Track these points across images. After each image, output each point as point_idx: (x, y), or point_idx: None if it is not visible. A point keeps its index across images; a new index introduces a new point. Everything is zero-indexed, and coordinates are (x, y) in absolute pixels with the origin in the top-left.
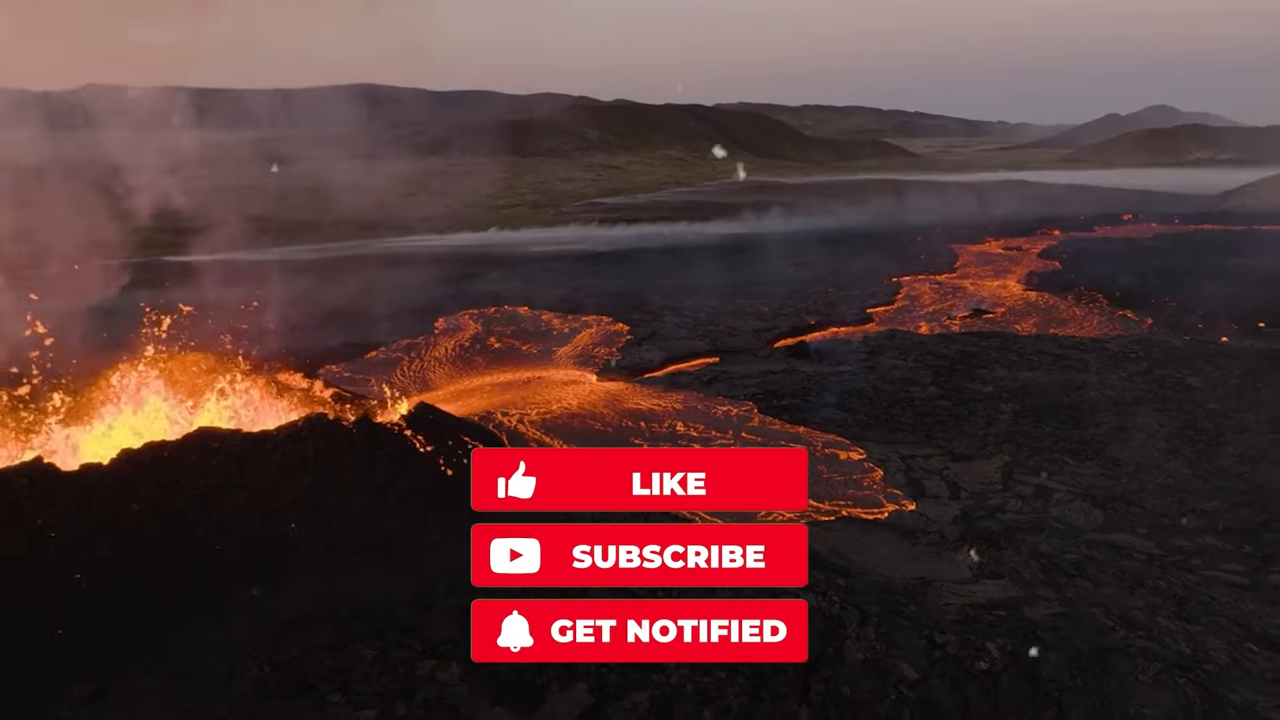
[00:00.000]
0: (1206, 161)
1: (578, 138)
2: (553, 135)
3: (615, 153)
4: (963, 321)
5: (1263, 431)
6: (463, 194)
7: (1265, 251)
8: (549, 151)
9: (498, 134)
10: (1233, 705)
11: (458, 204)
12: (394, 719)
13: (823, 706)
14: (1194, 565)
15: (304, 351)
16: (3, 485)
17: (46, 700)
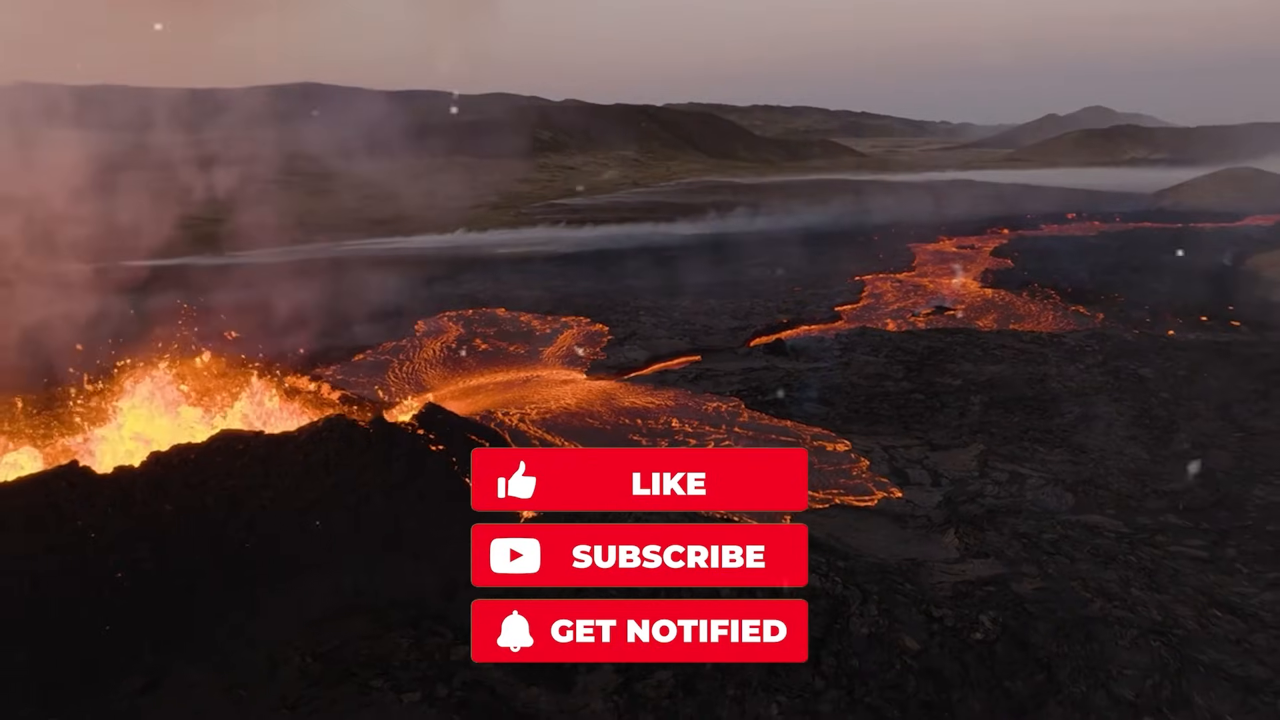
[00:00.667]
0: (1141, 161)
1: (531, 138)
2: (505, 136)
3: (569, 154)
4: (927, 318)
5: (1211, 418)
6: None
7: (1201, 248)
8: (502, 152)
9: (449, 135)
10: (1202, 665)
11: (416, 206)
12: (436, 701)
13: (835, 677)
14: (1159, 541)
15: (289, 356)
16: (43, 488)
17: (101, 693)
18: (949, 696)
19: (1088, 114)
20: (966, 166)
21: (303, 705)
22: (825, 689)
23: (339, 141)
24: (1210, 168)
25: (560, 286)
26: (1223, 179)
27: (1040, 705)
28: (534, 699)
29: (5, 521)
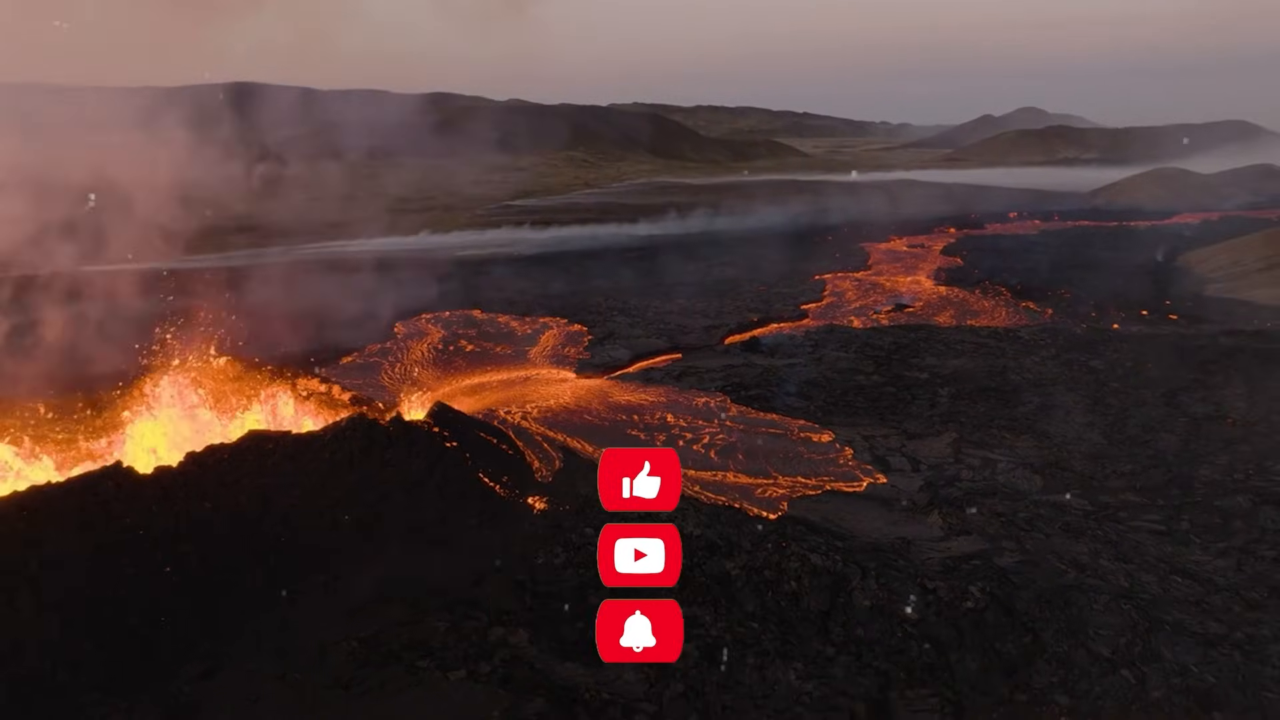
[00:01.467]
0: (1074, 160)
1: (477, 138)
2: (451, 135)
3: (517, 154)
4: (889, 315)
5: (1158, 406)
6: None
7: (1136, 246)
8: (449, 153)
9: (393, 135)
10: (1167, 624)
11: (372, 208)
12: (480, 677)
13: (843, 644)
14: (1121, 517)
15: (277, 359)
16: (92, 488)
17: (164, 679)
18: (947, 659)
19: (1022, 115)
20: (907, 166)
21: (355, 686)
22: (836, 655)
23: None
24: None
25: (531, 288)
26: (1152, 179)
27: (1029, 663)
28: (571, 674)
29: (59, 520)
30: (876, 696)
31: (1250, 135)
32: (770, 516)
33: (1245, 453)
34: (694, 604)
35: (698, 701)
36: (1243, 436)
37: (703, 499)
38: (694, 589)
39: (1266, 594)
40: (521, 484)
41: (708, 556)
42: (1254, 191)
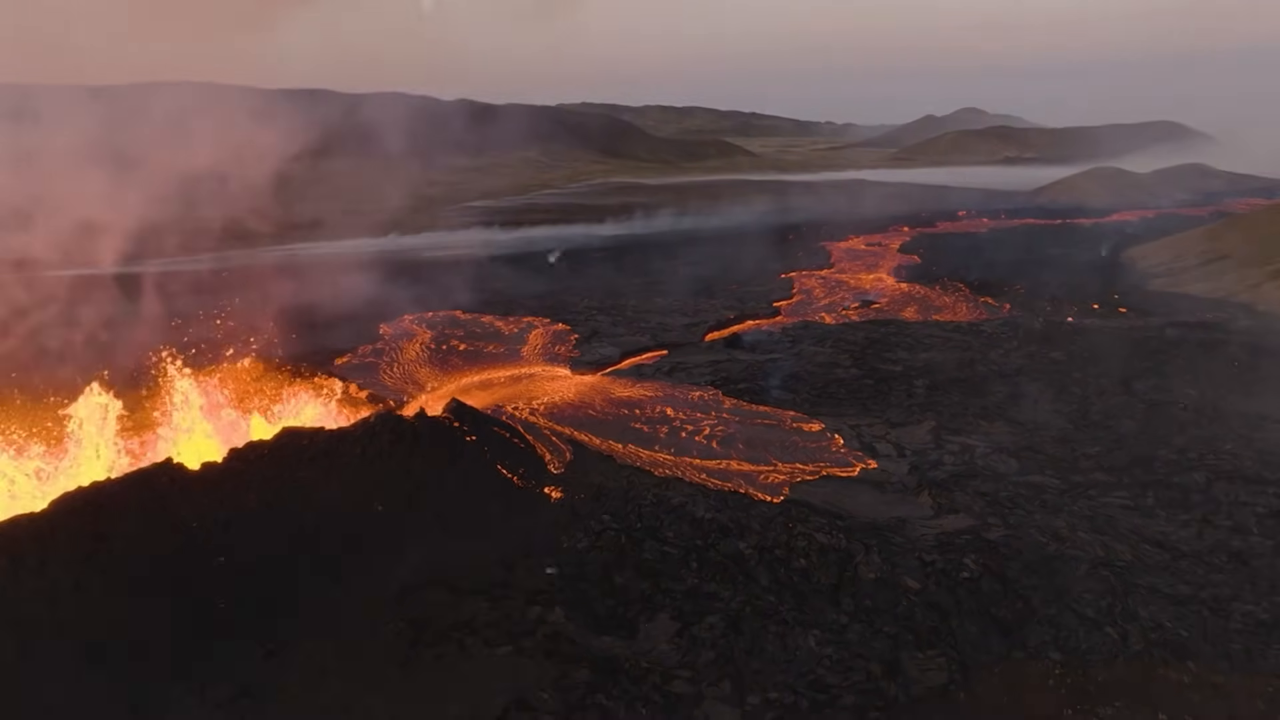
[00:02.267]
0: (1015, 159)
1: (428, 139)
2: (401, 136)
3: (472, 154)
4: (857, 312)
5: (1116, 393)
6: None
7: (1082, 242)
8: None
9: (342, 135)
10: (1141, 587)
11: (334, 209)
12: (525, 651)
13: (855, 613)
14: (1092, 494)
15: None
16: (148, 482)
17: (233, 659)
18: (949, 624)
19: (963, 115)
20: (855, 166)
21: (411, 663)
22: (849, 623)
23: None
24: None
25: (506, 288)
26: (1092, 178)
27: (1022, 626)
28: (608, 646)
29: (122, 512)
30: (889, 658)
31: (1179, 135)
32: (774, 500)
33: (1197, 435)
34: (712, 581)
35: (729, 667)
36: (1194, 420)
37: (710, 485)
38: (711, 567)
39: (1226, 559)
40: (536, 475)
41: (721, 538)
42: (1187, 189)
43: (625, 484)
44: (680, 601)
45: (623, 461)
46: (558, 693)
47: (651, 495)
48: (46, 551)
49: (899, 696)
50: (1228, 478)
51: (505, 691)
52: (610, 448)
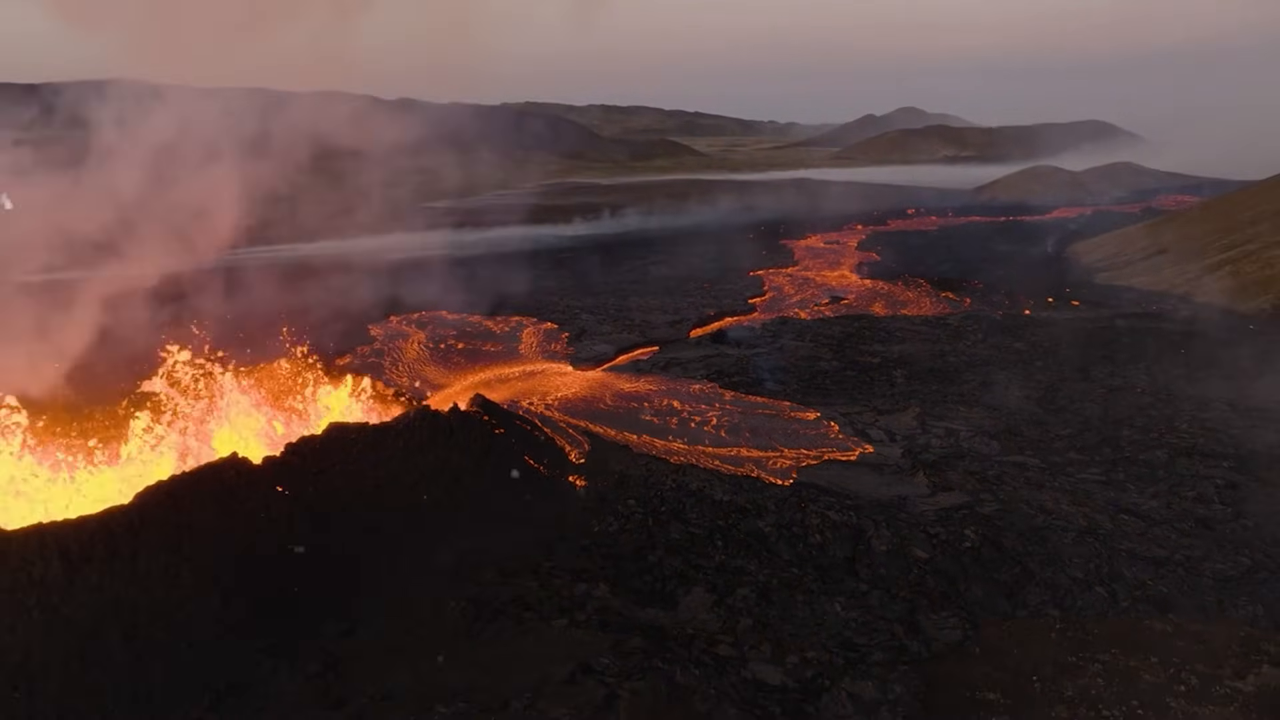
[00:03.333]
0: (954, 158)
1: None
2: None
3: (419, 155)
4: (829, 308)
5: (1077, 380)
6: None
7: (1028, 239)
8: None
9: (288, 136)
10: (1123, 551)
11: (280, 211)
12: (579, 623)
13: (874, 581)
14: (1070, 471)
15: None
16: (217, 475)
17: (312, 636)
18: (958, 588)
19: (902, 114)
20: (800, 165)
21: (476, 637)
22: (869, 590)
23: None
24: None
25: (486, 288)
26: (1030, 175)
27: (1022, 587)
28: (654, 617)
29: (200, 501)
30: (908, 619)
31: (1107, 134)
32: (785, 483)
33: (1155, 416)
34: (738, 557)
35: (766, 632)
36: (1150, 403)
37: (724, 471)
38: (735, 545)
39: (1193, 525)
40: (560, 465)
41: (741, 518)
42: (1120, 187)
43: (645, 471)
44: (712, 576)
45: (639, 451)
46: (616, 658)
47: (671, 481)
48: (139, 541)
49: (921, 652)
50: (1186, 454)
51: (567, 658)
52: (625, 438)
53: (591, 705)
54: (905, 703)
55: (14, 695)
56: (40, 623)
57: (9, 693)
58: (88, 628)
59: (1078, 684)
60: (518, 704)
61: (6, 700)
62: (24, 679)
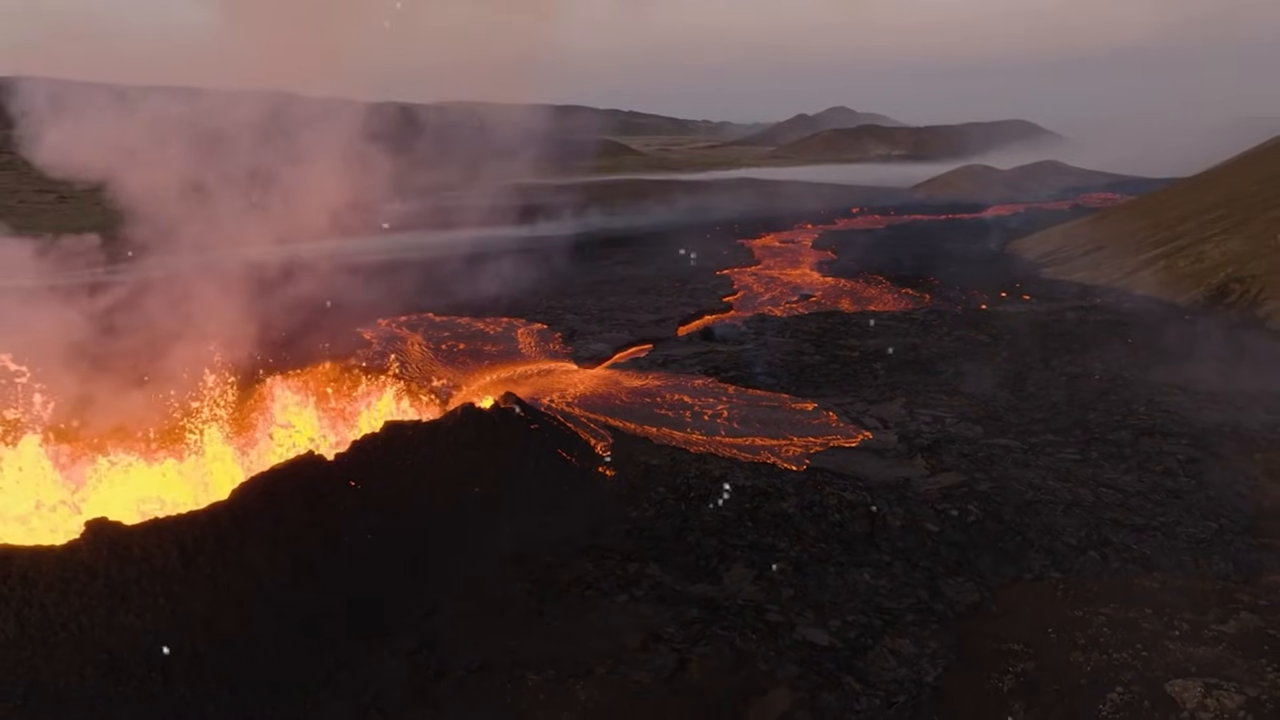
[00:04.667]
0: (885, 157)
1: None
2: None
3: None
4: (800, 305)
5: (1040, 369)
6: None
7: (971, 236)
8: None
9: (204, 137)
10: (1107, 520)
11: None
12: (637, 598)
13: (893, 553)
14: (1049, 452)
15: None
16: (298, 471)
17: (400, 618)
18: (968, 556)
19: (833, 114)
20: (736, 164)
21: (546, 614)
22: (891, 561)
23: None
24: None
25: (460, 291)
26: (964, 174)
27: (1025, 554)
28: (704, 591)
29: (290, 496)
30: (930, 585)
31: (1032, 134)
32: (799, 469)
33: (1114, 401)
34: (769, 535)
35: (808, 600)
36: (1108, 389)
37: (741, 459)
38: (764, 525)
39: (1164, 496)
40: (589, 457)
41: (764, 501)
42: (1047, 185)
43: (668, 461)
44: (748, 553)
45: (659, 442)
46: (680, 627)
47: (694, 469)
48: (243, 533)
49: (946, 613)
50: (1148, 434)
51: (636, 629)
52: (645, 431)
53: (667, 669)
54: (942, 655)
55: (151, 676)
56: (166, 610)
57: (147, 674)
58: (207, 615)
59: (1087, 633)
60: (601, 670)
61: (146, 681)
62: (159, 662)
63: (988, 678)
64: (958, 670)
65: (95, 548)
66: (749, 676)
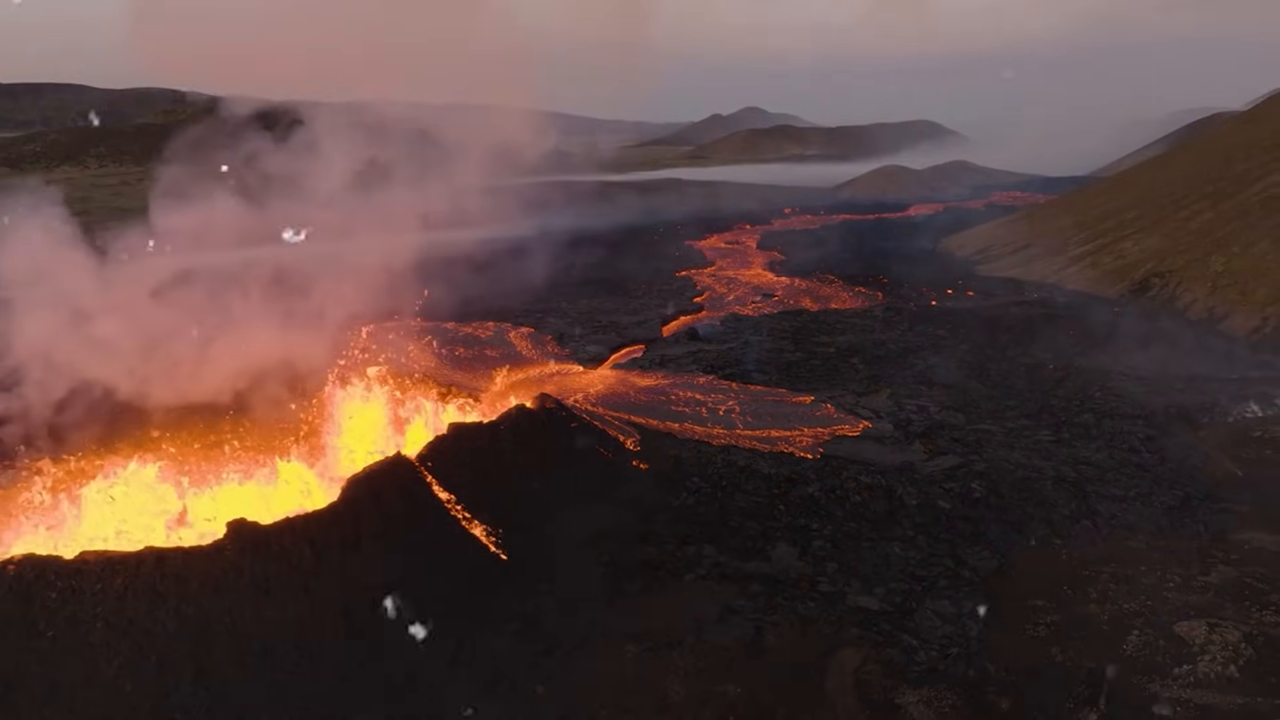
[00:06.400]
0: (799, 157)
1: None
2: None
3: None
4: (764, 305)
5: (999, 360)
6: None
7: (902, 235)
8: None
9: (121, 138)
10: (1091, 492)
11: None
12: (703, 577)
13: (915, 528)
14: (1027, 434)
15: None
16: (395, 470)
17: (504, 601)
18: (979, 528)
19: (747, 114)
20: (657, 164)
21: (627, 593)
22: (915, 535)
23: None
24: (856, 163)
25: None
26: (883, 174)
27: (1027, 524)
28: (758, 568)
29: (390, 493)
30: (953, 555)
31: (938, 134)
32: (814, 456)
33: (1072, 387)
34: (802, 517)
35: (852, 571)
36: (1063, 377)
37: (761, 449)
38: (795, 508)
39: (1134, 470)
40: (622, 452)
41: (790, 486)
42: (959, 184)
43: (695, 453)
44: (787, 533)
45: (683, 437)
46: (747, 600)
47: (720, 460)
48: (360, 529)
49: (972, 578)
50: (1109, 416)
51: (711, 603)
52: (667, 427)
53: (747, 636)
54: (978, 614)
55: (301, 663)
56: (306, 602)
57: (297, 662)
58: (341, 605)
59: (1097, 589)
60: (690, 639)
61: (297, 668)
62: (306, 649)
63: (1023, 629)
64: (996, 624)
65: (239, 547)
66: (818, 639)
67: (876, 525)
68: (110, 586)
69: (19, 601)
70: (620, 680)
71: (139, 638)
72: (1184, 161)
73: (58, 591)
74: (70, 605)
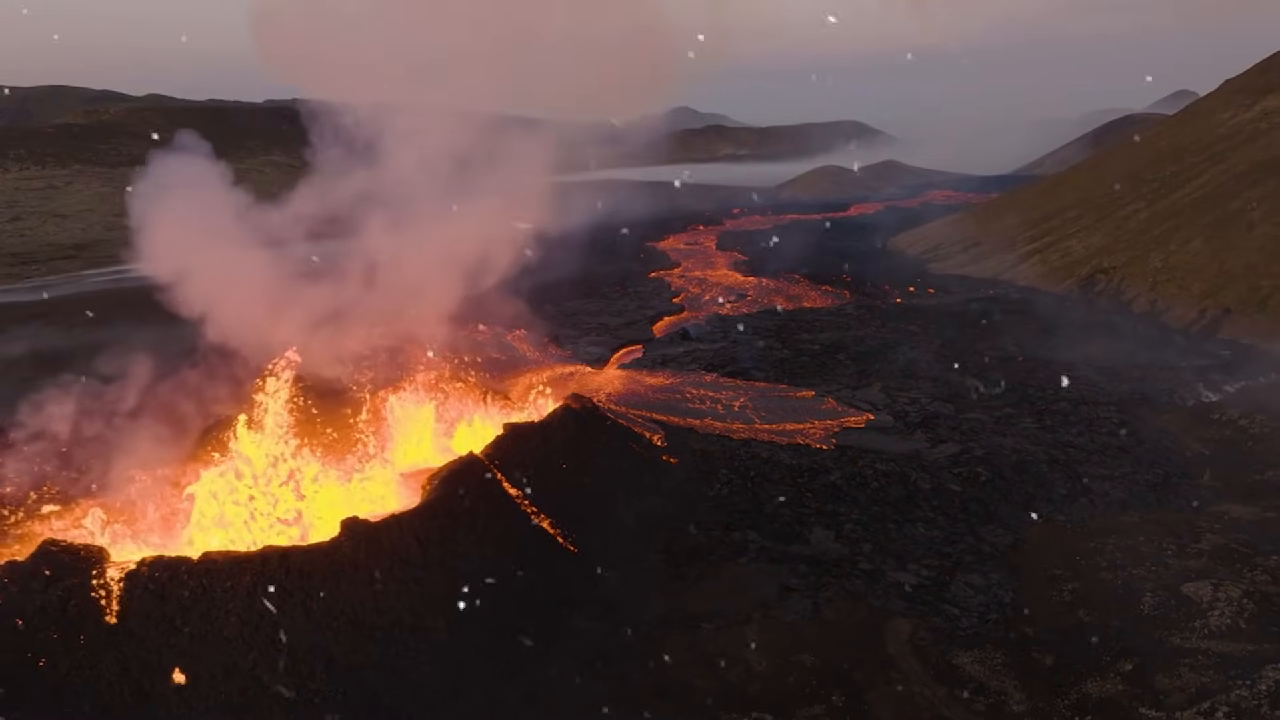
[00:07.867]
0: (732, 156)
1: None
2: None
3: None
4: (739, 305)
5: (972, 353)
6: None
7: (852, 234)
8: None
9: (55, 140)
10: (1083, 474)
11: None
12: (754, 560)
13: (934, 510)
14: (1013, 422)
15: None
16: (468, 470)
17: (581, 585)
18: (989, 508)
19: (678, 114)
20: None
21: (688, 577)
22: (935, 516)
23: None
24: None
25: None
26: (821, 174)
27: (1032, 503)
28: (800, 550)
29: (470, 491)
30: (972, 532)
31: (865, 134)
32: (828, 447)
33: (1042, 378)
34: (829, 503)
35: (886, 550)
36: (1033, 368)
37: (779, 441)
38: (822, 495)
39: (1115, 452)
40: (650, 447)
41: (814, 475)
42: (892, 184)
43: (719, 447)
44: (819, 519)
45: (704, 432)
46: (799, 579)
47: (744, 452)
48: (455, 523)
49: (993, 552)
50: (1084, 403)
51: (765, 585)
52: (688, 423)
53: (806, 611)
54: (1007, 583)
55: (421, 649)
56: (417, 593)
57: (417, 649)
58: (445, 593)
59: (1105, 558)
60: (758, 615)
61: (417, 655)
62: (423, 636)
63: (1049, 595)
64: (1024, 592)
65: (354, 543)
66: (869, 612)
67: (898, 508)
68: (240, 584)
69: (155, 600)
70: (704, 656)
71: (270, 631)
72: (1117, 163)
73: (189, 590)
74: (203, 602)
